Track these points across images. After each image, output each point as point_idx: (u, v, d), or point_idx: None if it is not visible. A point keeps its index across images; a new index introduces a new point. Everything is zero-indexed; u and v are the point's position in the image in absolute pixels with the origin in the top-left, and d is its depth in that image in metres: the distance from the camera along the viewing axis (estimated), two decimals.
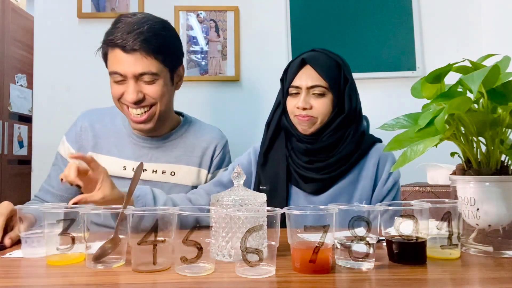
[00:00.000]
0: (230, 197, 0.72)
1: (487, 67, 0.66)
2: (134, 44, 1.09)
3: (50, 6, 2.06)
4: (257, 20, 2.07)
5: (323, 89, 1.13)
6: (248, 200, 0.72)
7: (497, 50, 0.90)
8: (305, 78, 1.15)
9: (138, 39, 1.09)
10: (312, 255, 0.61)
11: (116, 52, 1.11)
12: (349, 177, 1.18)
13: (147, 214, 0.67)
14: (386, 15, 2.04)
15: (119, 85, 1.14)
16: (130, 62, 1.10)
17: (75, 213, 0.70)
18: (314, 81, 1.13)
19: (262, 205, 0.74)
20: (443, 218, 0.70)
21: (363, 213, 0.65)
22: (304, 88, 1.14)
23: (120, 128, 1.28)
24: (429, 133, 0.70)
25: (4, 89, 2.97)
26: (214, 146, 1.31)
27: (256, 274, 0.61)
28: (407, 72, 2.01)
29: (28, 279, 0.64)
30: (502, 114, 0.73)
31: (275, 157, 1.22)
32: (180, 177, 1.27)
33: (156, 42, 1.12)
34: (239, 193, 0.73)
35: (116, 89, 1.15)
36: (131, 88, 1.12)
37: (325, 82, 1.13)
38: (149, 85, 1.14)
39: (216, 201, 0.73)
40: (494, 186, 0.73)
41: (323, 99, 1.14)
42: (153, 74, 1.13)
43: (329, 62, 1.17)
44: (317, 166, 1.17)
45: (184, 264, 0.62)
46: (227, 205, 0.71)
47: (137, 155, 1.25)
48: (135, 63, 1.10)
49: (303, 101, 1.13)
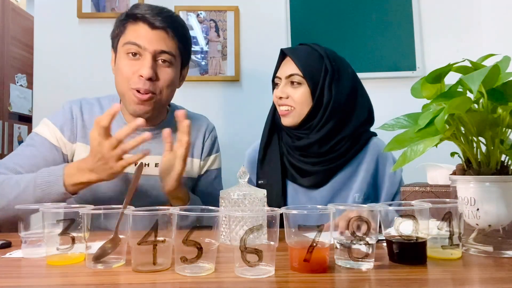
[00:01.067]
0: (236, 192, 0.86)
1: (487, 67, 0.66)
2: (163, 22, 1.10)
3: (50, 6, 2.06)
4: (257, 20, 2.07)
5: (299, 77, 1.15)
6: (250, 195, 0.85)
7: (497, 50, 0.90)
8: (285, 69, 1.18)
9: (169, 20, 1.11)
10: (307, 254, 0.61)
11: (141, 26, 1.10)
12: (347, 170, 1.19)
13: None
14: (386, 15, 2.04)
15: (133, 60, 1.10)
16: (154, 38, 1.10)
17: (75, 213, 0.70)
18: (292, 70, 1.16)
19: (261, 199, 0.86)
20: (444, 218, 0.70)
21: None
22: (283, 78, 1.18)
23: None
24: (429, 133, 0.70)
25: (4, 89, 2.97)
26: (203, 133, 1.30)
27: (256, 274, 0.61)
28: (407, 72, 2.01)
29: (28, 279, 0.64)
30: (502, 114, 0.73)
31: (272, 153, 1.24)
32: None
33: (182, 30, 1.16)
34: (243, 189, 0.87)
35: (129, 66, 1.10)
36: (148, 63, 1.08)
37: (300, 71, 1.15)
38: (164, 67, 1.12)
39: (225, 195, 0.86)
40: (494, 186, 0.73)
41: (300, 88, 1.16)
42: (172, 55, 1.12)
43: (310, 53, 1.19)
44: (311, 161, 1.18)
45: (184, 264, 0.62)
46: (233, 199, 0.85)
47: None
48: (159, 40, 1.10)
49: (280, 90, 1.18)
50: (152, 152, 1.17)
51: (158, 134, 1.20)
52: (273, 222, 0.63)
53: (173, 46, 1.13)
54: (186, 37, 1.18)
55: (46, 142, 1.15)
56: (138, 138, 0.94)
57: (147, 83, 1.09)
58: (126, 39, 1.11)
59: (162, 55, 1.11)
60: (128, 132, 0.93)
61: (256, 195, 0.85)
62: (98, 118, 0.92)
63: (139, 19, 1.11)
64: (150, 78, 1.09)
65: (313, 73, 1.15)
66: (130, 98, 1.12)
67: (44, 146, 1.14)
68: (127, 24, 1.13)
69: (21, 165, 1.10)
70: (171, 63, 1.13)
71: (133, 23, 1.12)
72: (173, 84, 1.16)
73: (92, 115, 1.20)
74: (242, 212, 0.73)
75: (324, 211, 0.64)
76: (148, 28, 1.10)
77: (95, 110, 1.22)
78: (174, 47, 1.13)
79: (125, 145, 0.93)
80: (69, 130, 1.17)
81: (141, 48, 1.09)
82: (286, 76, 1.17)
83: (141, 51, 1.10)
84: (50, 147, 1.14)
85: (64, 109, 1.21)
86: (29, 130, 3.13)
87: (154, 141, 1.20)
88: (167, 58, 1.12)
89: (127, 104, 1.15)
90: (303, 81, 1.15)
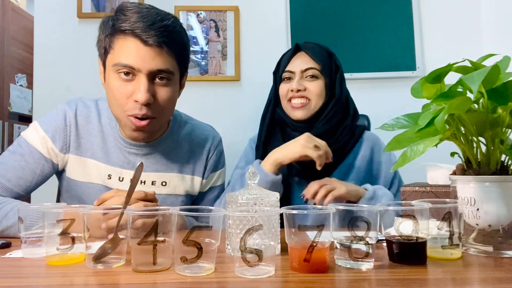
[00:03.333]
0: (244, 195, 0.74)
1: (487, 67, 0.66)
2: (158, 37, 0.94)
3: (50, 6, 2.06)
4: (257, 20, 2.07)
5: (316, 71, 1.21)
6: (262, 199, 0.73)
7: (497, 50, 0.90)
8: (299, 63, 1.22)
9: (164, 33, 0.95)
10: (306, 254, 0.61)
11: (132, 42, 0.94)
12: (346, 162, 1.24)
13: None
14: (386, 15, 2.04)
15: (125, 81, 0.96)
16: (148, 56, 0.94)
17: (75, 213, 0.70)
18: (308, 64, 1.21)
19: (274, 204, 0.75)
20: (444, 218, 0.70)
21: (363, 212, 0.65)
22: (298, 72, 1.21)
23: (106, 129, 1.11)
24: (429, 133, 0.70)
25: (4, 89, 2.97)
26: (208, 150, 1.20)
27: (256, 274, 0.61)
28: (407, 72, 2.01)
29: (28, 279, 0.64)
30: (502, 114, 0.73)
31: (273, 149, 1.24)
32: (173, 186, 1.13)
33: (180, 39, 1.01)
34: (253, 191, 0.75)
35: (121, 88, 0.96)
36: (144, 87, 0.94)
37: (318, 65, 1.21)
38: (161, 86, 0.99)
39: (231, 199, 0.75)
40: (494, 186, 0.73)
41: (317, 81, 1.21)
42: (169, 73, 0.98)
43: (321, 49, 1.26)
44: None
45: (184, 264, 0.62)
46: (241, 203, 0.73)
47: (123, 162, 1.09)
48: (155, 58, 0.95)
49: (297, 83, 1.20)
50: (149, 168, 1.11)
51: (156, 149, 1.12)
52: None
53: (170, 62, 0.98)
54: (184, 47, 1.04)
55: (35, 152, 1.05)
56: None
57: (143, 108, 0.96)
58: (116, 59, 0.96)
59: (158, 74, 0.97)
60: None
61: (268, 198, 0.74)
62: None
63: (129, 34, 0.95)
64: (145, 103, 0.96)
65: (327, 68, 1.22)
66: (127, 125, 1.01)
67: (33, 157, 1.05)
68: (114, 39, 0.97)
69: (8, 179, 1.02)
70: (169, 79, 1.00)
71: (123, 38, 0.96)
72: (172, 101, 1.04)
73: (88, 121, 1.11)
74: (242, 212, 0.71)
75: (324, 211, 0.64)
76: (140, 45, 0.94)
77: (92, 116, 1.11)
78: (172, 63, 0.99)
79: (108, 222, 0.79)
80: (61, 140, 1.07)
81: (135, 69, 0.95)
82: (302, 70, 1.21)
83: (134, 71, 0.96)
84: (39, 158, 1.05)
85: (58, 113, 1.10)
86: None
87: (151, 157, 1.12)
88: (165, 76, 0.98)
89: (123, 128, 1.06)
90: (319, 75, 1.21)
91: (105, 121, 1.12)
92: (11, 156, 1.05)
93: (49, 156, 1.07)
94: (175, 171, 1.14)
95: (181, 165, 1.16)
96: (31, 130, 1.08)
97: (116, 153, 1.09)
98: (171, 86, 1.01)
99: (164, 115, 1.04)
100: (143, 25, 0.94)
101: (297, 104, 1.20)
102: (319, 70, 1.20)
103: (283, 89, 1.24)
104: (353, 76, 1.98)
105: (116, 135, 1.10)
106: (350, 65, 1.98)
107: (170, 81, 1.00)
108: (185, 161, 1.16)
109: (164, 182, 1.13)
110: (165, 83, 0.99)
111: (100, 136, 1.10)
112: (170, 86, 1.01)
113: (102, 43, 1.00)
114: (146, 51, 0.94)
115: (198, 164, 1.18)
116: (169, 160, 1.14)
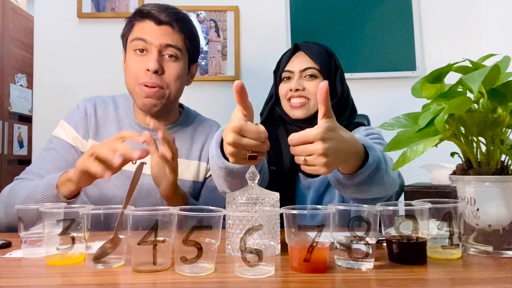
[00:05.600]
0: (244, 195, 0.73)
1: (487, 67, 0.66)
2: (168, 17, 1.13)
3: (50, 6, 2.07)
4: (257, 20, 2.07)
5: (315, 71, 1.20)
6: (262, 199, 0.73)
7: (497, 50, 0.90)
8: (298, 62, 1.22)
9: (173, 15, 1.14)
10: (306, 254, 0.61)
11: (146, 23, 1.14)
12: None
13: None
14: (386, 15, 2.05)
15: (140, 56, 1.14)
16: (159, 33, 1.13)
17: (75, 213, 0.70)
18: (307, 64, 1.21)
19: (274, 204, 0.74)
20: (444, 218, 0.70)
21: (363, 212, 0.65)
22: (297, 72, 1.21)
23: (122, 118, 1.25)
24: (429, 133, 0.70)
25: (4, 89, 2.97)
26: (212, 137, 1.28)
27: (256, 274, 0.61)
28: (407, 72, 2.01)
29: (28, 279, 0.64)
30: (502, 114, 0.73)
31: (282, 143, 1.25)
32: (180, 171, 1.21)
33: (188, 26, 1.18)
34: (253, 191, 0.74)
35: (136, 63, 1.14)
36: (154, 57, 1.12)
37: (316, 65, 1.20)
38: (170, 62, 1.15)
39: (231, 199, 0.75)
40: (494, 186, 0.73)
41: (316, 81, 1.20)
42: (178, 49, 1.15)
43: (320, 49, 1.25)
44: None
45: (184, 264, 0.62)
46: (241, 203, 0.72)
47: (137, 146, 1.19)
48: (165, 35, 1.13)
49: (296, 82, 1.20)
50: None
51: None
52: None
53: (178, 40, 1.15)
54: (192, 32, 1.20)
55: (64, 143, 1.19)
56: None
57: (153, 76, 1.12)
58: (133, 35, 1.15)
59: (168, 49, 1.14)
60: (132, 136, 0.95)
61: (268, 199, 0.73)
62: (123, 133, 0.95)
63: (146, 16, 1.14)
64: (156, 71, 1.11)
65: (326, 68, 1.21)
66: (138, 93, 1.15)
67: (63, 147, 1.19)
68: (134, 22, 1.16)
69: (45, 169, 1.14)
70: (178, 57, 1.16)
71: (140, 20, 1.15)
72: (180, 78, 1.17)
73: (106, 112, 1.24)
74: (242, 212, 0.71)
75: (324, 211, 0.64)
76: (153, 24, 1.13)
77: (109, 108, 1.25)
78: (180, 41, 1.16)
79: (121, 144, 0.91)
80: (83, 128, 1.21)
81: (147, 43, 1.12)
82: (301, 69, 1.21)
83: (148, 46, 1.13)
84: (69, 147, 1.19)
85: (78, 108, 1.25)
86: (29, 130, 3.13)
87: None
88: (173, 53, 1.14)
89: (136, 99, 1.17)
90: (318, 75, 1.21)
91: (122, 112, 1.25)
92: (45, 152, 1.20)
93: (76, 144, 1.20)
94: (183, 157, 1.24)
95: (188, 152, 1.25)
96: (58, 127, 1.23)
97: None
98: (178, 63, 1.16)
99: (171, 90, 1.16)
100: (158, 9, 1.14)
101: (296, 104, 1.20)
102: (318, 69, 1.20)
103: (283, 89, 1.24)
104: (353, 76, 1.98)
105: (132, 122, 1.23)
106: (350, 65, 1.98)
107: (178, 59, 1.16)
108: (192, 148, 1.26)
109: None
110: (173, 60, 1.15)
111: (116, 125, 1.23)
112: (177, 63, 1.16)
113: (125, 29, 1.19)
114: (159, 28, 1.13)
115: (203, 150, 1.27)
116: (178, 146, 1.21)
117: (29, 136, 3.10)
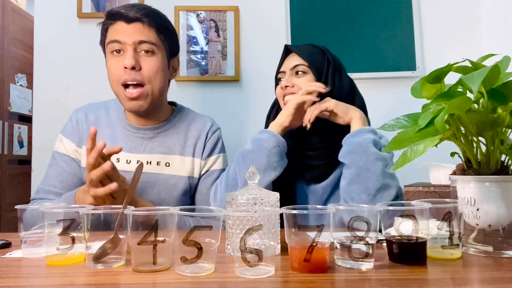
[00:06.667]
0: (244, 195, 0.74)
1: (487, 67, 0.66)
2: (137, 13, 1.14)
3: (50, 6, 2.06)
4: (257, 20, 2.07)
5: (304, 67, 1.21)
6: (262, 199, 0.73)
7: (497, 50, 0.90)
8: (289, 63, 1.23)
9: (142, 11, 1.16)
10: (306, 254, 0.61)
11: (117, 24, 1.16)
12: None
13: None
14: (386, 15, 2.04)
15: (117, 57, 1.16)
16: (131, 31, 1.15)
17: (75, 213, 0.70)
18: (296, 62, 1.22)
19: (274, 204, 0.74)
20: (444, 218, 0.70)
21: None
22: (288, 70, 1.23)
23: (114, 121, 1.28)
24: (429, 133, 0.70)
25: (4, 89, 2.96)
26: (206, 133, 1.31)
27: (256, 274, 0.61)
28: (407, 72, 2.00)
29: (28, 279, 0.64)
30: (502, 114, 0.73)
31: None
32: (175, 168, 1.25)
33: (159, 20, 1.19)
34: (253, 191, 0.75)
35: (114, 63, 1.16)
36: (129, 54, 1.14)
37: (305, 61, 1.20)
38: (147, 57, 1.16)
39: (231, 199, 0.75)
40: (494, 186, 0.73)
41: (305, 76, 1.21)
42: (152, 44, 1.16)
43: (313, 49, 1.25)
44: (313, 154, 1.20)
45: (184, 264, 0.62)
46: (241, 203, 0.73)
47: (131, 147, 1.24)
48: (136, 32, 1.15)
49: (285, 80, 1.22)
50: (154, 150, 1.25)
51: (160, 133, 1.26)
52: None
53: (152, 35, 1.17)
54: (165, 26, 1.21)
55: (65, 157, 1.25)
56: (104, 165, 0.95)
57: (132, 73, 1.14)
58: (108, 39, 1.18)
59: (142, 45, 1.15)
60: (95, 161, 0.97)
61: (268, 199, 0.74)
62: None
63: (116, 17, 1.16)
64: (133, 67, 1.13)
65: (316, 64, 1.21)
66: (122, 97, 1.18)
67: (65, 162, 1.24)
68: (107, 26, 1.19)
69: (54, 185, 1.21)
70: (153, 51, 1.17)
71: (112, 23, 1.17)
72: (160, 73, 1.18)
73: (97, 116, 1.28)
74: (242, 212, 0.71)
75: (324, 211, 0.64)
76: (124, 24, 1.15)
77: (101, 112, 1.28)
78: (154, 36, 1.17)
79: (92, 172, 0.96)
80: (77, 137, 1.25)
81: (122, 43, 1.15)
82: (291, 68, 1.22)
83: (123, 46, 1.15)
84: (69, 160, 1.24)
85: (71, 119, 1.29)
86: (29, 130, 3.13)
87: (156, 140, 1.25)
88: (148, 48, 1.16)
89: (122, 102, 1.20)
90: (308, 71, 1.20)
91: (113, 115, 1.28)
92: (50, 169, 1.25)
93: (75, 157, 1.25)
94: (177, 153, 1.26)
95: (182, 148, 1.28)
96: (57, 142, 1.28)
97: (124, 140, 1.24)
98: (155, 57, 1.18)
99: (152, 85, 1.18)
100: (126, 8, 1.16)
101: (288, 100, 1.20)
102: (307, 65, 1.20)
103: (277, 90, 1.25)
104: (353, 76, 1.96)
105: (124, 123, 1.26)
106: (350, 65, 1.97)
107: (154, 54, 1.18)
108: (186, 144, 1.28)
109: (168, 163, 1.25)
110: (149, 55, 1.17)
111: (109, 128, 1.26)
112: (154, 57, 1.18)
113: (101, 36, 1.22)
114: (130, 27, 1.15)
115: (197, 146, 1.29)
116: (172, 143, 1.27)
117: (29, 136, 3.10)
